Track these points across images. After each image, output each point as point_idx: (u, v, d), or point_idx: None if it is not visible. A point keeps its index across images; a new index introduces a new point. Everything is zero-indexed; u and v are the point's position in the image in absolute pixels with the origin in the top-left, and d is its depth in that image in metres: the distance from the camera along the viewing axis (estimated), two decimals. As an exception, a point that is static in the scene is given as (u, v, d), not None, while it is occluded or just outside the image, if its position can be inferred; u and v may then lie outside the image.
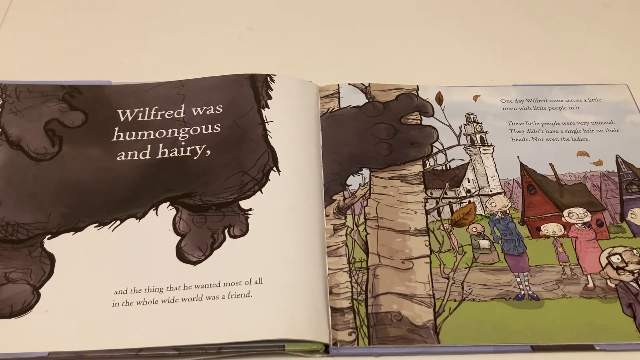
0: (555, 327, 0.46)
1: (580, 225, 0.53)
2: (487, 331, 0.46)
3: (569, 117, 0.60)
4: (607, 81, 0.64)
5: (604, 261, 0.50)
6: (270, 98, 0.59)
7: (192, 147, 0.56)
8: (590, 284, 0.49)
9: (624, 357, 0.46)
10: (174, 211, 0.52)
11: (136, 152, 0.56)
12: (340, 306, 0.47)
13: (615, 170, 0.56)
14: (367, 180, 0.55)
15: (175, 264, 0.48)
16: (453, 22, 0.71)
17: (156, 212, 0.51)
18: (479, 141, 0.58)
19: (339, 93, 0.61)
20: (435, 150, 0.57)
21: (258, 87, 0.60)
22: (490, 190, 0.55)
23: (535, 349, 0.46)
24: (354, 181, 0.55)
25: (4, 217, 0.51)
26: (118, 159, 0.55)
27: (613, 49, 0.68)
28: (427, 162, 0.56)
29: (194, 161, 0.55)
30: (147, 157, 0.55)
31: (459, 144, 0.58)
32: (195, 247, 0.49)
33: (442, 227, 0.52)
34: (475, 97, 0.62)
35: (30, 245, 0.49)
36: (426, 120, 0.60)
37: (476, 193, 0.55)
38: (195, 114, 0.59)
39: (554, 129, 0.59)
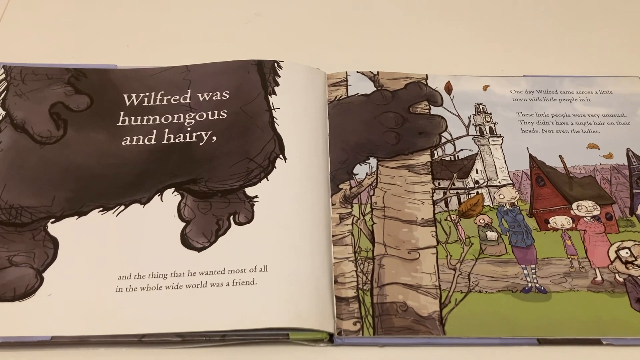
0: (562, 321, 0.46)
1: (589, 218, 0.52)
2: (493, 323, 0.46)
3: (579, 109, 0.60)
4: (619, 73, 0.63)
5: (612, 255, 0.50)
6: (278, 85, 0.59)
7: (198, 133, 0.55)
8: (599, 278, 0.48)
9: (631, 352, 0.45)
10: (179, 197, 0.51)
11: (141, 137, 0.55)
12: (345, 295, 0.47)
13: (626, 164, 0.55)
14: (374, 169, 0.54)
15: (179, 250, 0.48)
16: (464, 11, 0.70)
17: (161, 198, 0.51)
18: (488, 132, 0.58)
19: (347, 81, 0.61)
20: (443, 140, 0.57)
21: (265, 73, 0.60)
22: (499, 182, 0.54)
23: (542, 342, 0.45)
24: (360, 170, 0.54)
25: (7, 200, 0.50)
26: (123, 143, 0.55)
27: (625, 40, 0.67)
28: (435, 152, 0.56)
29: (199, 147, 0.54)
30: (153, 142, 0.55)
31: (467, 135, 0.57)
32: (200, 233, 0.49)
33: (449, 218, 0.52)
34: (485, 87, 0.61)
35: (34, 228, 0.49)
36: (435, 110, 0.59)
37: (484, 184, 0.54)
38: (201, 99, 0.58)
39: (564, 121, 0.59)
